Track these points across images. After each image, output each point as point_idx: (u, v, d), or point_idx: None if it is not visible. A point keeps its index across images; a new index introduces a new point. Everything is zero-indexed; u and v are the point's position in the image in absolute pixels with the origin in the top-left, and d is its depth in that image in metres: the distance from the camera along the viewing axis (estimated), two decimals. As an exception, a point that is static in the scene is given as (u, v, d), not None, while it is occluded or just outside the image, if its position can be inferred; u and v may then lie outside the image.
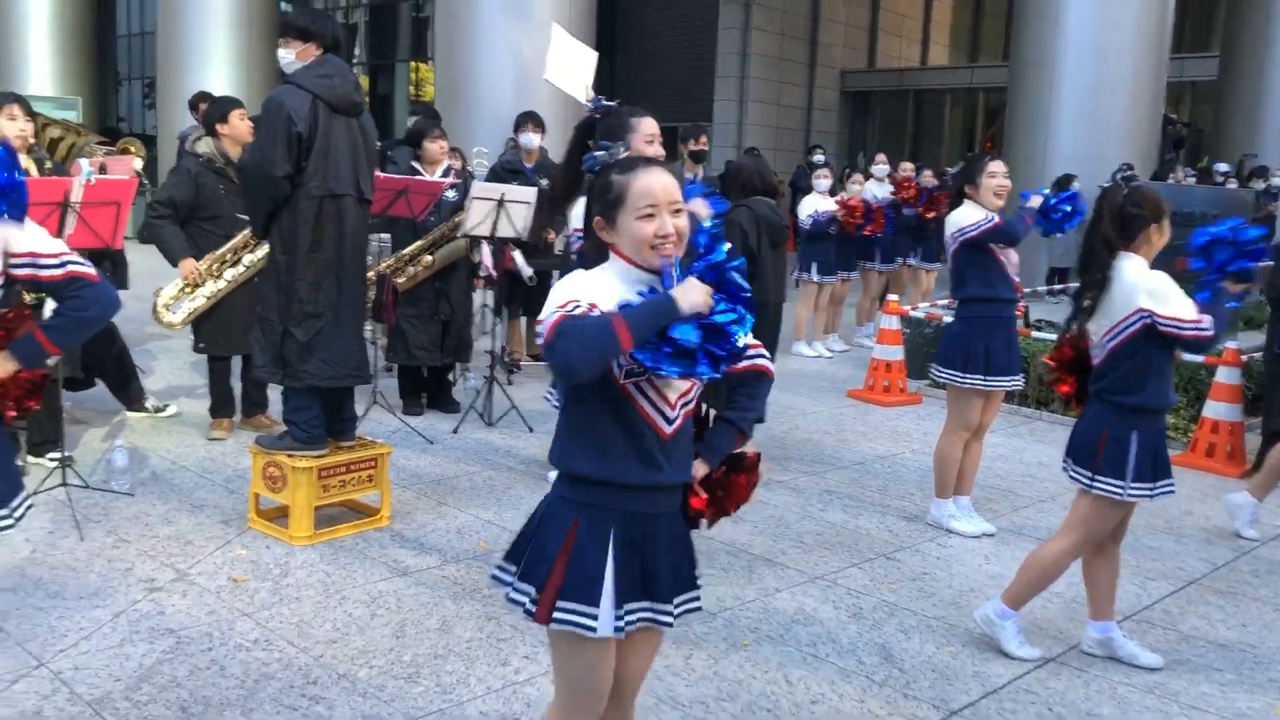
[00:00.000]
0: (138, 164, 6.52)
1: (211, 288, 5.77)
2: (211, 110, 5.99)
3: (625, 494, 2.17)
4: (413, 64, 25.36)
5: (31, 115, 5.17)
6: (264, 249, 5.51)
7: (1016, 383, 4.88)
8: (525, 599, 2.19)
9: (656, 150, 4.08)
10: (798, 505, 5.29)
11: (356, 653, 3.49)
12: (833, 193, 9.51)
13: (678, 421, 2.20)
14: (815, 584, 4.30)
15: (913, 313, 8.58)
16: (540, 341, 2.05)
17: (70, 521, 4.52)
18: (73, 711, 3.05)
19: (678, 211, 2.15)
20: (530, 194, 6.53)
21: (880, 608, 4.10)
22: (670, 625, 2.25)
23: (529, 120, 7.68)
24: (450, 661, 3.47)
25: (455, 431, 6.37)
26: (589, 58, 5.14)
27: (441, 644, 3.59)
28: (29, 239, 2.50)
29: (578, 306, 2.03)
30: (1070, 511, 3.66)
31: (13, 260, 2.47)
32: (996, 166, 4.80)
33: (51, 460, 5.07)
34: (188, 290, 5.80)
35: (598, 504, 2.17)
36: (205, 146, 5.85)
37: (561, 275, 2.53)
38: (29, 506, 2.63)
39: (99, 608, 3.74)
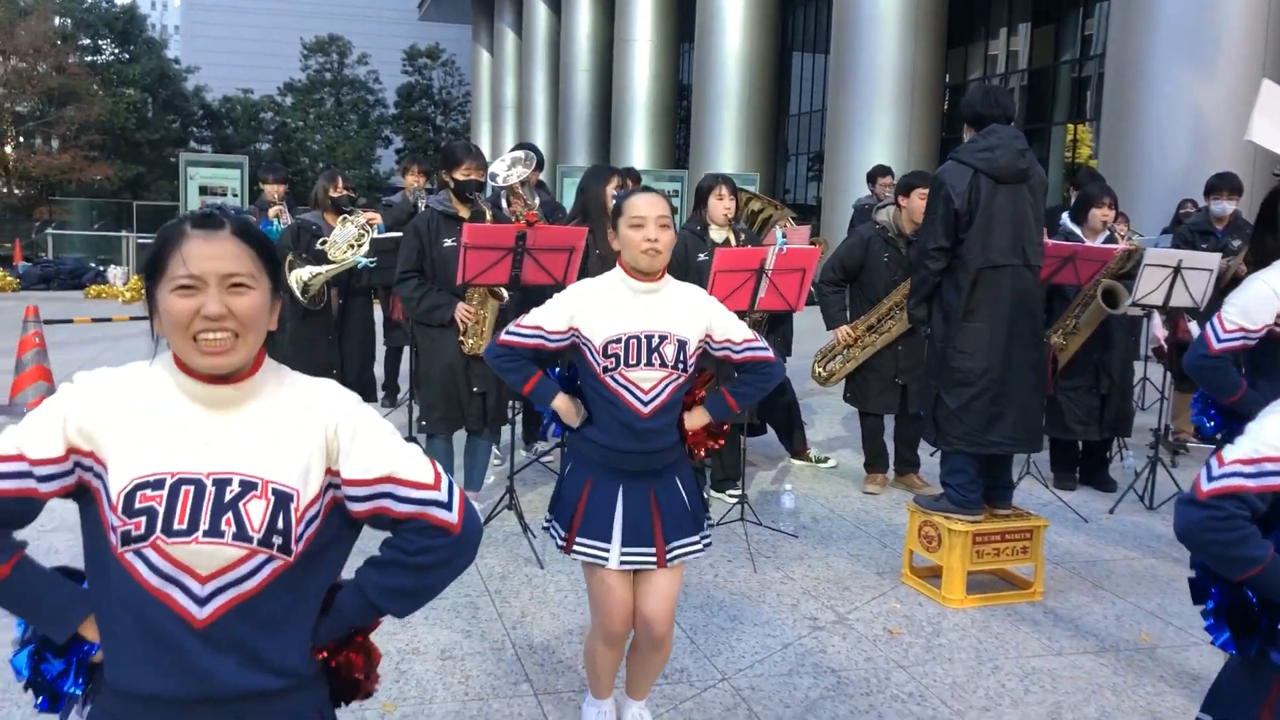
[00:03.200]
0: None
1: (857, 352, 6.16)
2: (900, 183, 6.35)
3: None
4: (1069, 126, 24.62)
5: (735, 193, 5.90)
6: (903, 316, 5.85)
7: None
8: None
9: None
10: None
11: (1011, 726, 3.44)
12: None
13: None
14: None
15: None
16: None
17: (745, 553, 5.03)
18: (750, 727, 3.38)
19: None
20: (1212, 260, 6.00)
21: None
22: None
23: (1224, 186, 7.14)
24: (1111, 756, 3.27)
25: (1111, 512, 6.01)
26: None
27: (1101, 735, 3.40)
28: (728, 327, 3.04)
29: None
30: None
31: (712, 342, 3.03)
32: None
33: (731, 496, 5.71)
34: (840, 351, 6.25)
35: None
36: (885, 215, 6.25)
37: None
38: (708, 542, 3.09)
39: (770, 636, 4.11)
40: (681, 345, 2.94)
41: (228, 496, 1.57)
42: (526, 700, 3.51)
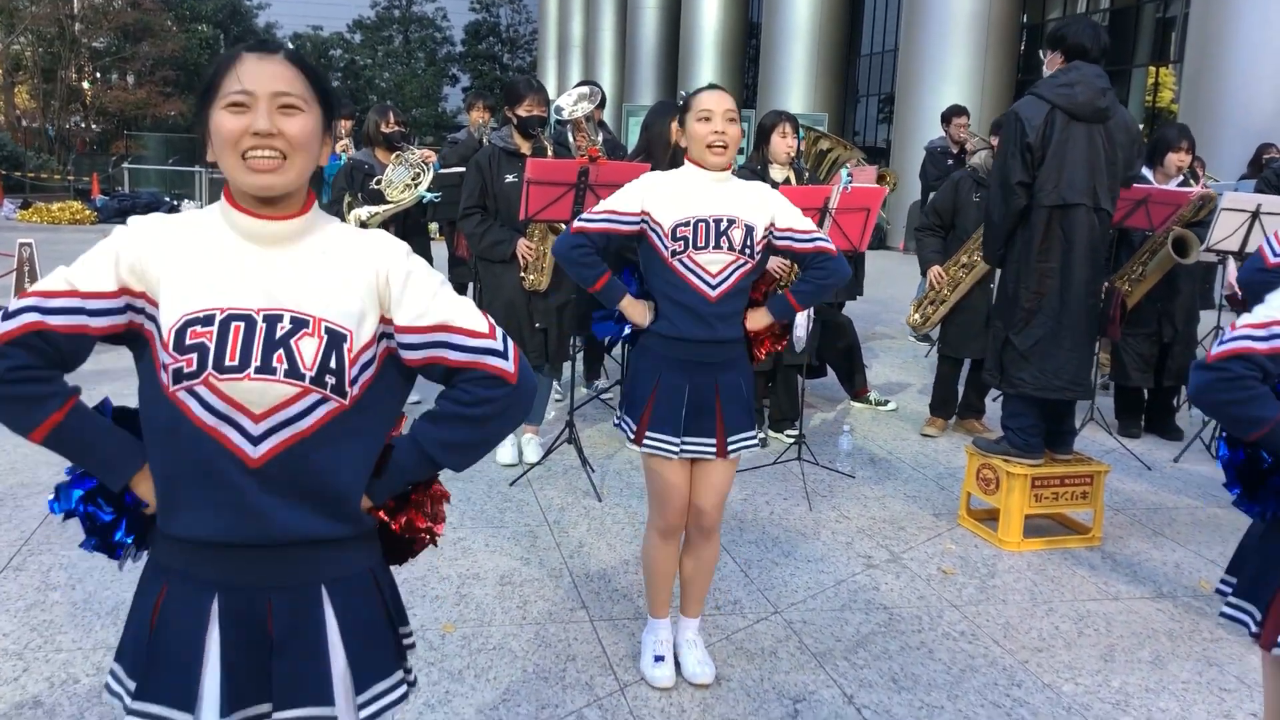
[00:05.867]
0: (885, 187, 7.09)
1: (948, 293, 6.07)
2: (995, 124, 6.25)
3: None
4: (1150, 69, 23.87)
5: (797, 131, 5.83)
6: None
7: None
8: (1247, 618, 2.19)
9: None
10: None
11: (1062, 666, 3.45)
12: None
13: None
14: None
15: None
16: None
17: (801, 492, 5.06)
18: (801, 659, 3.43)
19: None
20: (1294, 206, 5.82)
21: None
22: None
23: None
24: (1163, 699, 3.27)
25: (1176, 460, 5.93)
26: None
27: (1153, 678, 3.40)
28: (791, 217, 3.06)
29: None
30: None
31: (775, 231, 3.05)
32: None
33: (789, 436, 5.73)
34: (931, 296, 6.20)
35: None
36: (979, 159, 6.16)
37: None
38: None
39: (823, 573, 4.15)
40: (749, 230, 2.97)
41: (279, 333, 1.55)
42: (582, 626, 3.59)
